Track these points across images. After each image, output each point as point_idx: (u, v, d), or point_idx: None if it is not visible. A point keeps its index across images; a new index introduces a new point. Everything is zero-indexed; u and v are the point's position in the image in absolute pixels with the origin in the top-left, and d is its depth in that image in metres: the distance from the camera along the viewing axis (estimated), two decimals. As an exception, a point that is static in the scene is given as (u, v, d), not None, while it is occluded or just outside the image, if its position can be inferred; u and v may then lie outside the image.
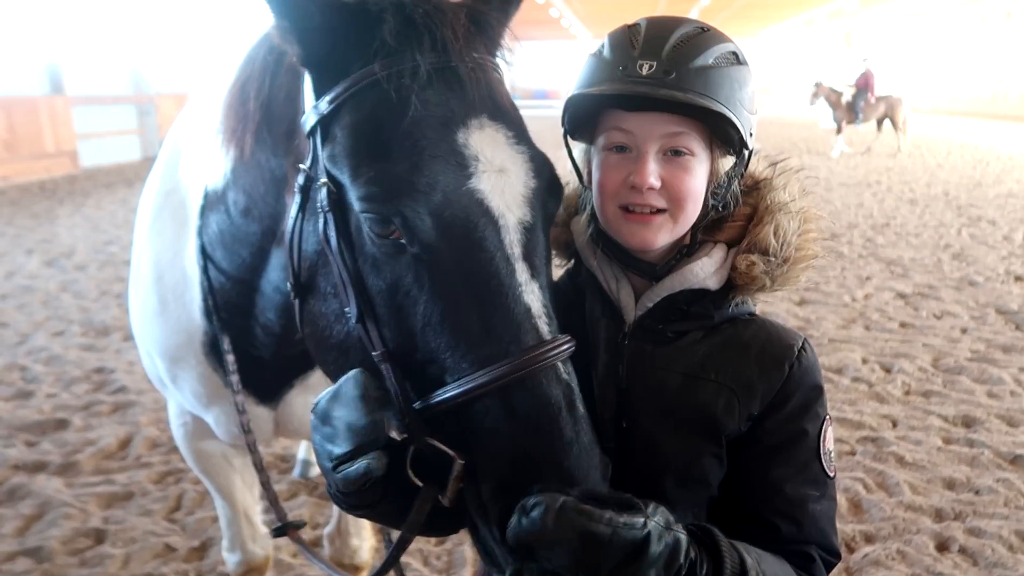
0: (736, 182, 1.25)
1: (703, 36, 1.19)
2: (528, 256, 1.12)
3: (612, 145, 1.22)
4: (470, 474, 1.05)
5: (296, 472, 3.79)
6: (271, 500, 1.86)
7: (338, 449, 1.07)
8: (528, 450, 1.00)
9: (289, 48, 1.17)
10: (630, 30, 1.21)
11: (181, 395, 1.95)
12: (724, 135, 1.19)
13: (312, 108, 1.17)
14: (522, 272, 1.10)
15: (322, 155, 1.15)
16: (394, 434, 1.08)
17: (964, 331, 5.67)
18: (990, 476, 3.64)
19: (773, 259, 1.22)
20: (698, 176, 1.20)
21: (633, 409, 1.22)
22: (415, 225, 1.07)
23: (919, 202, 11.19)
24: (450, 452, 1.04)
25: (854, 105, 17.63)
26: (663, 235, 1.21)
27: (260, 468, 1.82)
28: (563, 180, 1.30)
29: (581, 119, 1.26)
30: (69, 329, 5.83)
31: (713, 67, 1.16)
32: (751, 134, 1.21)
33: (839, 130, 17.92)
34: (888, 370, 4.98)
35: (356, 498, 1.11)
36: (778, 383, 1.20)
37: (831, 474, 1.23)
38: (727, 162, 1.23)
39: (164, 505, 3.51)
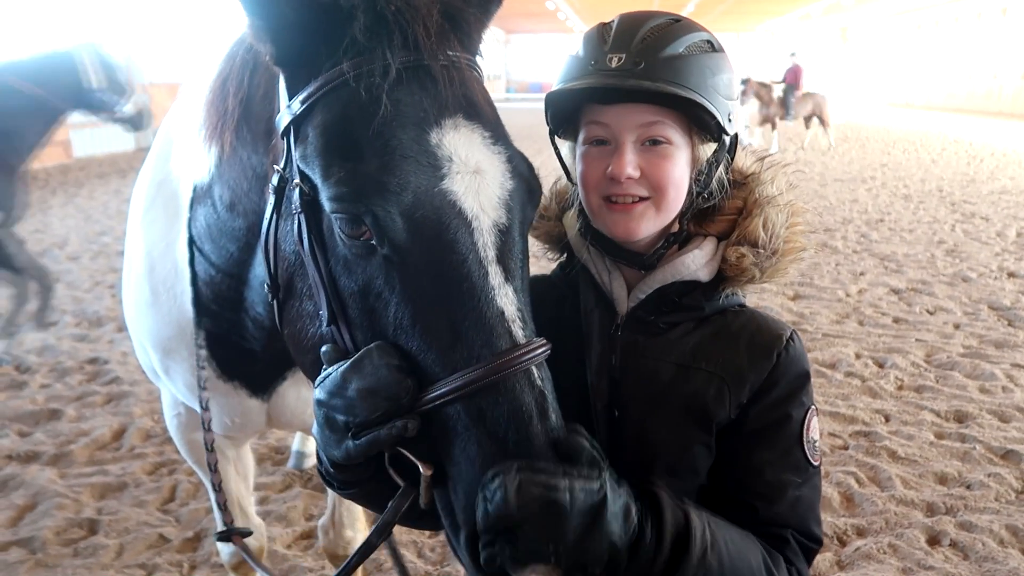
0: (720, 168, 1.27)
1: (674, 27, 1.21)
2: (502, 259, 1.10)
3: (592, 139, 1.24)
4: (441, 480, 1.05)
5: (291, 463, 3.80)
6: (219, 504, 1.80)
7: (359, 416, 1.02)
8: (496, 459, 0.97)
9: (263, 47, 1.15)
10: (603, 27, 1.24)
11: (174, 386, 1.95)
12: (701, 122, 1.21)
13: (286, 108, 1.16)
14: (495, 275, 1.07)
15: (295, 155, 1.14)
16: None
17: (957, 327, 5.69)
18: (981, 471, 3.66)
19: (762, 251, 1.25)
20: (678, 164, 1.21)
21: (625, 398, 1.24)
22: (385, 225, 1.05)
23: (913, 198, 11.22)
24: (417, 462, 1.04)
25: (785, 101, 17.45)
26: (646, 224, 1.23)
27: (209, 448, 1.76)
28: (553, 176, 1.30)
29: (562, 116, 1.30)
30: (62, 319, 5.81)
31: (683, 56, 1.18)
32: (730, 120, 1.23)
33: (772, 125, 17.74)
34: (881, 365, 5.00)
35: (354, 473, 1.11)
36: (766, 371, 1.22)
37: (814, 463, 1.24)
38: (709, 148, 1.25)
39: (158, 496, 3.51)
